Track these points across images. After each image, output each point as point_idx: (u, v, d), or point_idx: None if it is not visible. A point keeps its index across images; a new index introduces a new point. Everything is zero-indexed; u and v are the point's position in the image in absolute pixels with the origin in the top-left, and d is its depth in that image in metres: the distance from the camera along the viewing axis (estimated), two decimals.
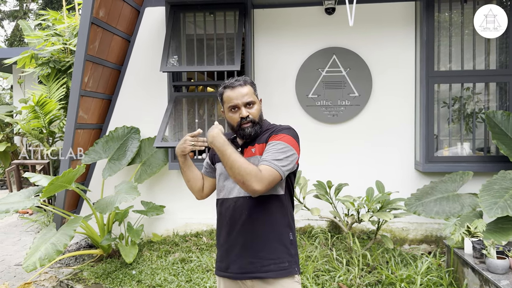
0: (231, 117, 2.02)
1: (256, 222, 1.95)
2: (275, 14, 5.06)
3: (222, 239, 2.04)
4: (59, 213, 4.54)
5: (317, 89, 4.97)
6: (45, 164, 6.68)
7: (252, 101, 2.00)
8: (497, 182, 3.74)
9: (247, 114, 1.97)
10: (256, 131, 2.00)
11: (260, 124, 2.03)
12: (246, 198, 1.96)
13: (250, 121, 1.98)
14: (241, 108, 1.98)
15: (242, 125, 1.98)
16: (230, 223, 1.99)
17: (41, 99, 5.86)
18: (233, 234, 1.98)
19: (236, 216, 1.97)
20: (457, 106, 4.77)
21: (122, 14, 5.00)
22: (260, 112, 2.06)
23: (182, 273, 4.11)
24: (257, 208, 1.96)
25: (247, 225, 1.95)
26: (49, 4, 17.53)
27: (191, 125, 5.08)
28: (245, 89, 2.00)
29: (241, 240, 1.96)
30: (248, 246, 1.95)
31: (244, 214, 1.95)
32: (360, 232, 4.86)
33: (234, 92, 1.99)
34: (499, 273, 2.95)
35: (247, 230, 1.95)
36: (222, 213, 2.06)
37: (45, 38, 6.71)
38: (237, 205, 1.97)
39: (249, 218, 1.95)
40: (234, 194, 1.99)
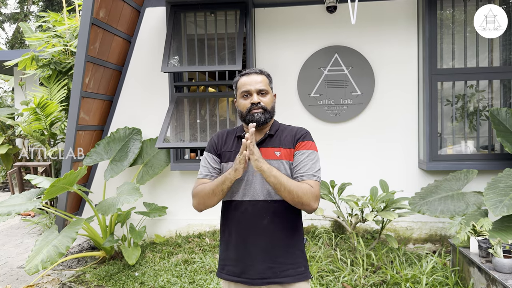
0: (241, 104, 1.97)
1: (278, 227, 1.91)
2: (276, 13, 5.03)
3: (236, 243, 1.95)
4: (61, 215, 4.52)
5: (319, 88, 4.94)
6: (47, 166, 6.67)
7: (265, 89, 1.96)
8: (502, 180, 3.70)
9: (258, 101, 1.93)
10: (266, 119, 1.94)
11: (271, 114, 1.98)
12: (268, 202, 1.91)
13: (261, 108, 1.93)
14: (253, 94, 1.94)
15: (252, 110, 1.93)
16: (248, 226, 1.91)
17: (42, 101, 5.85)
18: (252, 238, 1.90)
19: (256, 220, 1.90)
20: (461, 104, 4.74)
21: (122, 14, 4.98)
22: (273, 104, 2.01)
23: (185, 274, 4.08)
24: (280, 212, 1.91)
25: (268, 229, 1.90)
26: (49, 6, 17.55)
27: (193, 126, 5.05)
28: (259, 77, 1.97)
29: (261, 245, 1.90)
30: (269, 251, 1.89)
31: (266, 219, 1.90)
32: (364, 231, 4.83)
33: (249, 78, 1.97)
34: (506, 272, 2.91)
35: (267, 235, 1.90)
36: (235, 216, 1.95)
37: (45, 39, 6.71)
38: (257, 209, 1.90)
39: (271, 223, 1.90)
40: (251, 196, 1.92)
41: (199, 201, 1.93)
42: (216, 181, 1.87)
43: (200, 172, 2.02)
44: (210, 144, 2.06)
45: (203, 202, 1.92)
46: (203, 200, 1.91)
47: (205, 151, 2.06)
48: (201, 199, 1.92)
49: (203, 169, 2.02)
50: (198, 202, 1.94)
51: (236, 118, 4.78)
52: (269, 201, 1.90)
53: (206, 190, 1.89)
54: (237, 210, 1.94)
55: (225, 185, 1.84)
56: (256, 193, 1.91)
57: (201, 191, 1.91)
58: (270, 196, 1.90)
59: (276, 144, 1.96)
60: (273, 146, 1.95)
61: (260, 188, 1.91)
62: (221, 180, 1.84)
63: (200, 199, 1.92)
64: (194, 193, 1.95)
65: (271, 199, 1.90)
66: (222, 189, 1.85)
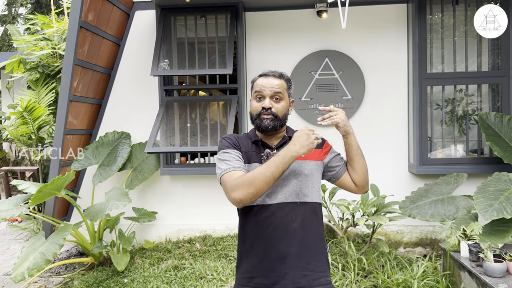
0: (253, 105, 1.88)
1: (307, 231, 1.79)
2: (267, 17, 5.02)
3: (265, 251, 1.77)
4: (49, 221, 4.44)
5: (310, 92, 4.93)
6: (34, 171, 6.57)
7: (280, 94, 1.84)
8: (492, 184, 3.72)
9: (270, 106, 1.82)
10: (275, 127, 1.84)
11: (281, 122, 1.86)
12: (296, 203, 1.78)
13: (272, 114, 1.82)
14: (266, 98, 1.83)
15: (261, 115, 1.83)
16: (278, 231, 1.75)
17: (30, 105, 5.77)
18: (284, 243, 1.75)
19: (286, 224, 1.76)
20: (450, 108, 4.76)
21: (111, 17, 4.93)
22: (286, 111, 1.88)
23: (175, 281, 4.03)
24: (308, 215, 1.81)
25: (299, 233, 1.77)
26: (38, 9, 17.37)
27: (183, 130, 5.01)
28: (277, 80, 1.85)
29: (293, 250, 1.75)
30: (301, 258, 1.75)
31: (297, 222, 1.76)
32: (355, 236, 4.82)
33: (266, 80, 1.86)
34: (497, 277, 2.92)
35: (298, 239, 1.76)
36: (261, 221, 1.77)
37: (33, 42, 6.62)
38: (285, 212, 1.76)
39: (301, 226, 1.77)
40: (278, 199, 1.77)
41: (250, 190, 1.62)
42: (274, 162, 1.64)
43: (230, 165, 1.76)
44: (231, 142, 1.86)
45: (255, 191, 1.63)
46: (257, 187, 1.62)
47: (223, 151, 1.83)
48: (255, 187, 1.62)
49: (235, 162, 1.77)
50: (249, 192, 1.62)
51: (227, 122, 4.75)
52: (297, 203, 1.79)
53: (263, 174, 1.63)
54: (262, 214, 1.77)
55: (287, 165, 1.65)
56: (283, 195, 1.78)
57: (254, 178, 1.63)
58: (298, 197, 1.79)
59: None
60: None
61: (287, 190, 1.79)
62: (284, 160, 1.64)
63: (252, 187, 1.62)
64: (240, 184, 1.64)
65: (299, 200, 1.79)
66: (283, 170, 1.65)
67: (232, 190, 1.66)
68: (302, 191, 1.80)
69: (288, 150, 1.65)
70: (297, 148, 1.65)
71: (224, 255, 4.51)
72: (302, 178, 1.81)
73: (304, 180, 1.81)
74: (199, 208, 5.11)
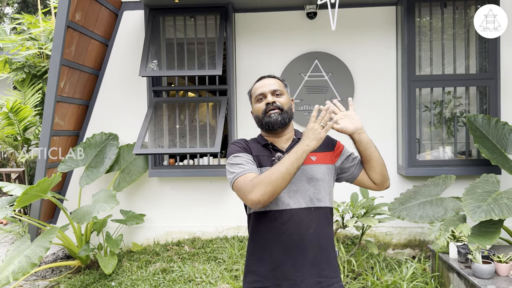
0: (256, 107, 1.86)
1: (322, 236, 1.76)
2: (256, 18, 5.01)
3: (280, 259, 1.72)
4: (35, 223, 4.36)
5: (300, 93, 4.93)
6: (20, 172, 6.47)
7: (280, 91, 1.85)
8: (480, 186, 3.75)
9: (273, 100, 1.81)
10: (284, 120, 1.80)
11: (288, 115, 1.83)
12: (311, 209, 1.75)
13: (277, 107, 1.80)
14: (268, 95, 1.83)
15: (267, 111, 1.80)
16: (294, 238, 1.71)
17: (15, 105, 5.68)
18: (300, 251, 1.71)
19: (302, 230, 1.72)
20: (439, 110, 4.79)
21: (99, 17, 4.87)
22: (290, 105, 1.87)
23: (164, 284, 3.98)
24: (322, 220, 1.78)
25: (314, 240, 1.73)
26: (24, 8, 17.14)
27: (172, 131, 4.97)
28: (273, 80, 1.89)
29: (310, 257, 1.71)
30: (316, 264, 1.72)
31: (312, 228, 1.73)
32: (344, 237, 4.82)
33: (262, 82, 1.88)
34: (485, 278, 2.93)
35: (314, 246, 1.73)
36: (275, 227, 1.73)
37: (20, 42, 6.51)
38: (301, 217, 1.72)
39: (316, 232, 1.74)
40: (293, 205, 1.73)
41: (268, 188, 1.57)
42: (288, 158, 1.60)
43: (244, 169, 1.70)
44: (241, 147, 1.82)
45: (272, 189, 1.57)
46: (274, 185, 1.57)
47: (234, 155, 1.77)
48: (272, 185, 1.57)
49: (248, 166, 1.72)
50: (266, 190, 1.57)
51: (216, 123, 4.72)
52: (312, 208, 1.75)
53: (279, 171, 1.58)
54: (276, 221, 1.72)
55: (301, 160, 1.61)
56: (298, 201, 1.74)
57: (270, 176, 1.58)
58: (312, 203, 1.76)
59: None
60: None
61: (301, 195, 1.75)
62: (297, 155, 1.60)
63: (270, 185, 1.57)
64: (256, 183, 1.59)
65: (313, 206, 1.76)
66: (298, 166, 1.61)
67: (249, 191, 1.60)
68: (316, 196, 1.77)
69: (299, 146, 1.63)
70: (307, 142, 1.62)
71: (213, 258, 4.48)
72: (315, 182, 1.77)
73: (317, 184, 1.78)
74: (188, 210, 5.06)
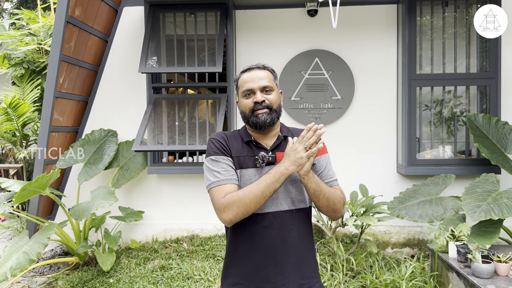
0: (243, 103, 1.74)
1: (303, 238, 1.73)
2: (257, 15, 4.99)
3: (261, 264, 1.67)
4: (33, 219, 4.35)
5: (299, 91, 4.91)
6: (18, 168, 6.44)
7: (270, 86, 1.73)
8: (480, 185, 3.74)
9: (263, 99, 1.70)
10: (273, 120, 1.71)
11: (277, 114, 1.74)
12: (293, 211, 1.70)
13: (266, 107, 1.70)
14: (257, 92, 1.71)
15: (255, 110, 1.70)
16: (276, 242, 1.67)
17: (14, 101, 5.64)
18: (281, 254, 1.67)
19: (284, 233, 1.67)
20: (439, 109, 4.78)
21: (99, 13, 4.85)
22: (279, 102, 1.76)
23: (162, 281, 3.97)
24: (303, 222, 1.74)
25: (297, 242, 1.70)
26: (23, 4, 17.06)
27: (171, 128, 4.95)
28: (263, 72, 1.75)
29: (292, 261, 1.68)
30: (298, 266, 1.69)
31: (294, 230, 1.69)
32: (343, 236, 4.82)
33: (250, 75, 1.74)
34: (485, 278, 2.93)
35: (296, 249, 1.69)
36: (257, 232, 1.67)
37: (19, 38, 6.47)
38: (283, 220, 1.68)
39: (298, 234, 1.70)
40: (275, 207, 1.68)
41: (240, 210, 1.54)
42: (265, 180, 1.55)
43: (218, 178, 1.64)
44: (220, 147, 1.72)
45: (245, 211, 1.55)
46: (247, 207, 1.55)
47: (213, 156, 1.70)
48: (245, 207, 1.54)
49: (224, 174, 1.65)
50: (239, 212, 1.55)
51: (215, 121, 4.71)
52: (293, 210, 1.70)
53: (253, 193, 1.54)
54: (258, 224, 1.66)
55: (278, 183, 1.55)
56: (280, 203, 1.69)
57: (244, 198, 1.54)
58: (294, 204, 1.71)
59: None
60: None
61: (284, 197, 1.69)
62: (275, 178, 1.54)
63: (242, 207, 1.54)
64: (230, 203, 1.55)
65: (295, 208, 1.71)
66: (275, 189, 1.56)
67: (221, 210, 1.57)
68: (297, 197, 1.72)
69: (279, 168, 1.56)
70: (286, 165, 1.55)
71: (211, 255, 4.47)
72: (298, 184, 1.72)
73: (299, 186, 1.73)
74: (187, 207, 5.05)
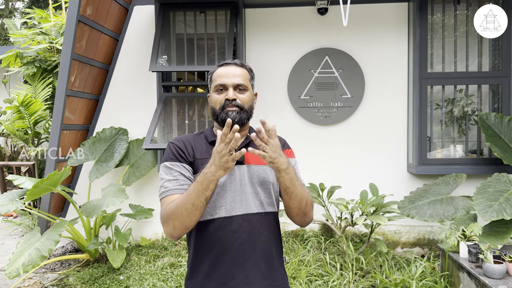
0: (214, 98, 1.62)
1: (273, 244, 1.65)
2: (267, 14, 4.98)
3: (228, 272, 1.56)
4: (44, 216, 4.40)
5: (309, 90, 4.90)
6: (30, 166, 6.52)
7: (244, 85, 1.62)
8: (492, 185, 3.70)
9: (234, 97, 1.58)
10: (242, 120, 1.58)
11: (248, 114, 1.63)
12: (262, 214, 1.60)
13: (237, 106, 1.58)
14: (229, 88, 1.60)
15: (225, 107, 1.58)
16: (245, 248, 1.57)
17: (26, 99, 5.71)
18: (251, 261, 1.57)
19: (254, 238, 1.58)
20: (450, 108, 4.74)
21: (110, 12, 4.88)
22: (251, 103, 1.65)
23: (172, 278, 4.00)
24: (273, 226, 1.65)
25: (266, 248, 1.61)
26: (35, 3, 17.23)
27: (181, 127, 4.97)
28: (239, 70, 1.64)
29: (262, 267, 1.59)
30: (268, 275, 1.60)
31: (264, 235, 1.60)
32: (353, 235, 4.80)
33: (226, 70, 1.63)
34: (496, 278, 2.90)
35: (267, 254, 1.61)
36: (223, 237, 1.56)
37: (30, 36, 6.55)
38: (253, 224, 1.58)
39: (267, 240, 1.61)
40: (244, 209, 1.58)
41: (176, 224, 1.45)
42: (193, 189, 1.42)
43: (166, 188, 1.54)
44: (176, 152, 1.61)
45: (181, 225, 1.45)
46: (182, 220, 1.44)
47: (167, 162, 1.60)
48: (180, 220, 1.44)
49: (173, 183, 1.54)
50: (175, 225, 1.45)
51: None
52: (262, 213, 1.60)
53: (184, 207, 1.42)
54: (225, 229, 1.55)
55: (209, 191, 1.41)
56: (249, 205, 1.58)
57: (176, 210, 1.44)
58: (263, 207, 1.61)
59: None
60: None
61: (252, 199, 1.60)
62: (203, 187, 1.40)
63: (177, 220, 1.44)
64: (167, 216, 1.47)
65: (264, 211, 1.61)
66: (206, 198, 1.42)
67: (163, 223, 1.50)
68: (266, 200, 1.63)
69: (205, 174, 1.40)
70: (213, 169, 1.38)
71: None
72: (266, 185, 1.63)
73: (268, 187, 1.63)
74: None
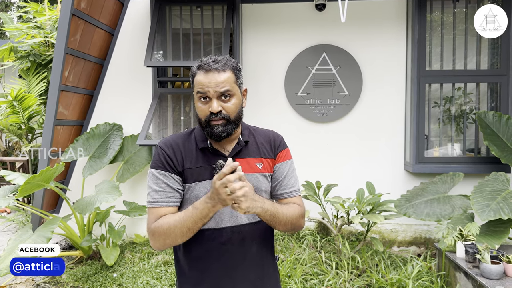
0: (199, 109, 1.52)
1: (264, 253, 1.62)
2: (264, 9, 4.92)
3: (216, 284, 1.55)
4: (37, 213, 4.34)
5: (306, 87, 4.85)
6: (24, 162, 6.45)
7: (229, 92, 1.49)
8: (489, 184, 3.67)
9: (219, 109, 1.48)
10: (229, 132, 1.51)
11: (236, 124, 1.53)
12: (253, 224, 1.57)
13: (223, 118, 1.49)
14: (213, 100, 1.48)
15: (211, 121, 1.49)
16: (234, 259, 1.55)
17: (20, 94, 5.64)
18: (241, 272, 1.55)
19: (244, 249, 1.55)
20: (448, 106, 4.71)
21: (105, 6, 4.81)
22: (239, 108, 1.54)
23: (165, 276, 3.95)
24: (264, 234, 1.62)
25: (257, 258, 1.59)
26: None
27: (177, 123, 4.92)
28: (222, 75, 1.48)
29: (252, 278, 1.57)
30: (259, 284, 1.58)
31: (254, 245, 1.57)
32: (349, 233, 4.77)
33: (207, 77, 1.47)
34: (494, 278, 2.87)
35: (258, 264, 1.59)
36: (212, 248, 1.54)
37: (25, 30, 6.46)
38: (242, 235, 1.55)
39: (258, 250, 1.59)
40: (233, 221, 1.55)
41: (167, 242, 1.44)
42: (192, 215, 1.40)
43: (154, 198, 1.52)
44: (165, 160, 1.56)
45: (172, 243, 1.45)
46: (174, 240, 1.43)
47: (154, 170, 1.56)
48: (172, 239, 1.43)
49: (160, 195, 1.52)
50: (166, 243, 1.45)
51: None
52: (254, 223, 1.58)
53: (179, 229, 1.41)
54: (215, 240, 1.53)
55: (207, 219, 1.40)
56: (239, 216, 1.55)
57: (169, 231, 1.42)
58: (254, 217, 1.58)
59: (255, 153, 1.60)
60: (254, 157, 1.59)
61: None
62: (202, 215, 1.39)
63: (169, 239, 1.43)
64: (157, 234, 1.45)
65: (256, 220, 1.58)
66: (203, 223, 1.42)
67: (150, 237, 1.48)
68: None
69: (206, 206, 1.38)
70: (213, 202, 1.36)
71: None
72: (259, 193, 1.54)
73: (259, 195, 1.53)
74: None
